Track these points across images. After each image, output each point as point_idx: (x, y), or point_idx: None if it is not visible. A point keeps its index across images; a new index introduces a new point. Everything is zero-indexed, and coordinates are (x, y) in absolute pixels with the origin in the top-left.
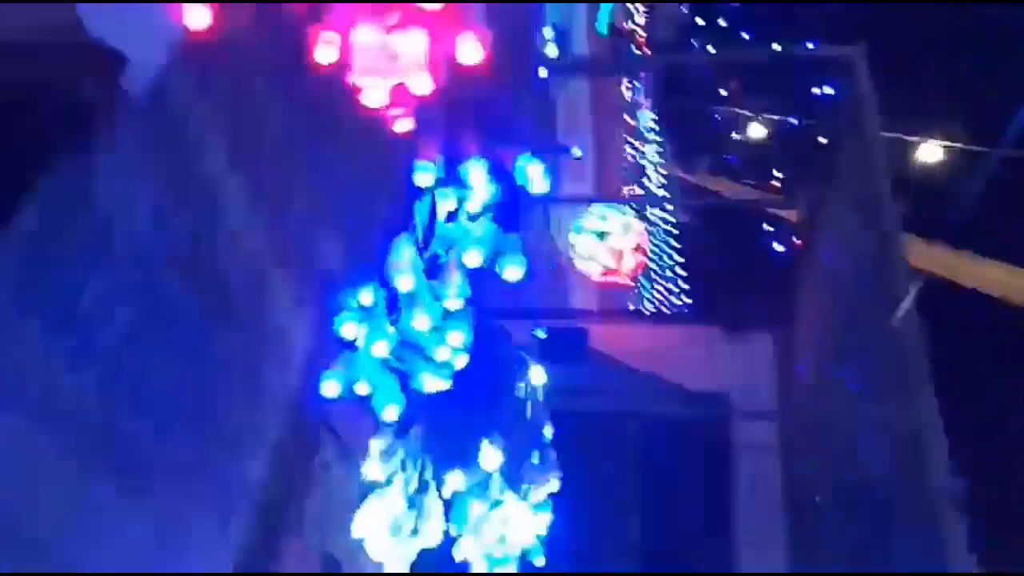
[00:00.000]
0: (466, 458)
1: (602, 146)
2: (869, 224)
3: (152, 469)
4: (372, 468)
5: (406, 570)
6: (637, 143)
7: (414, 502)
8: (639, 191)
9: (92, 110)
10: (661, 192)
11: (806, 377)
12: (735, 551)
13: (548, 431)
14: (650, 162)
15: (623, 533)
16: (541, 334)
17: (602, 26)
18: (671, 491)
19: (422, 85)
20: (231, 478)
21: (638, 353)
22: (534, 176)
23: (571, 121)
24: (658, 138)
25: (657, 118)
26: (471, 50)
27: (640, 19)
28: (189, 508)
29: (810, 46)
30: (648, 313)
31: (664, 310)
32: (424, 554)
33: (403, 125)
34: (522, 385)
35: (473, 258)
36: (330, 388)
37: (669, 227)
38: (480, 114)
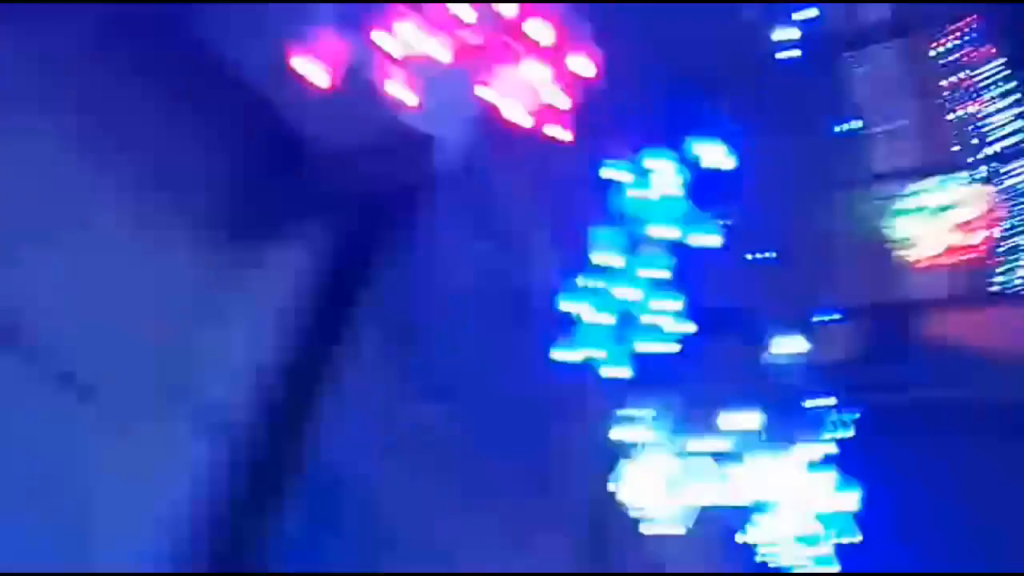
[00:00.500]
0: (725, 421)
1: (930, 113)
2: None
3: (497, 488)
4: (639, 432)
5: (684, 528)
6: (980, 100)
7: (681, 463)
8: (985, 155)
9: (412, 192)
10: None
11: None
12: None
13: (818, 398)
14: (1001, 119)
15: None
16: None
17: None
18: None
19: (561, 101)
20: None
21: (1005, 338)
22: (712, 156)
23: (882, 94)
24: (1007, 86)
25: (1005, 63)
26: (585, 65)
27: None
28: (529, 523)
29: None
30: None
31: None
32: (717, 528)
33: (561, 134)
34: (773, 352)
35: (669, 232)
36: (563, 355)
37: None
38: (662, 109)
